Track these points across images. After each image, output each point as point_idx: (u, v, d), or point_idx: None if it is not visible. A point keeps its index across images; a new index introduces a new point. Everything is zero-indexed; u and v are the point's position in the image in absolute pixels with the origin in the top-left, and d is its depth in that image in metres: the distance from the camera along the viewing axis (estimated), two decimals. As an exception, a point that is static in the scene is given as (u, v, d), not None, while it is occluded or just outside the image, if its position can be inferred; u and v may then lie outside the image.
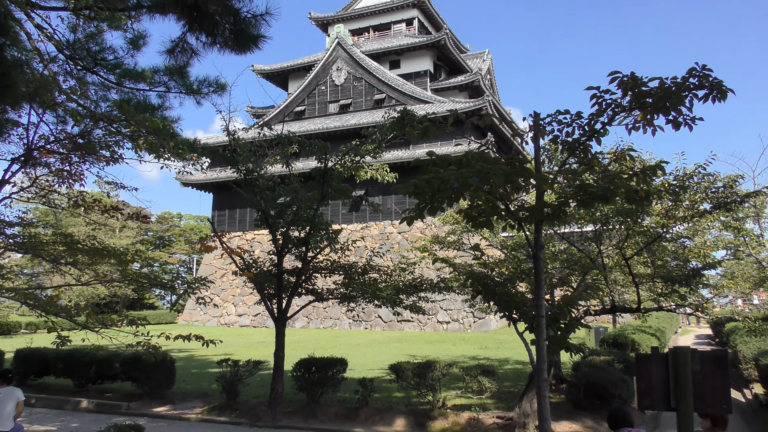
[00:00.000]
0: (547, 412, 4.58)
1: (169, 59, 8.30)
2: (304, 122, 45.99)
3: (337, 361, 13.53)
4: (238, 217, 46.68)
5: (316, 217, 12.86)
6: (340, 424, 12.55)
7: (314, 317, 40.54)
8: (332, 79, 47.01)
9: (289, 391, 13.85)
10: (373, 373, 16.18)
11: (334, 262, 13.62)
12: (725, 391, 4.40)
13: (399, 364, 12.98)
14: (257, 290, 13.63)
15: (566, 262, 13.99)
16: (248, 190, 13.37)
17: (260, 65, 51.34)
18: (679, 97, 4.51)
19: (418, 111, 36.59)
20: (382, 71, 45.73)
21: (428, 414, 12.36)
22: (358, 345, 27.87)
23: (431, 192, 4.13)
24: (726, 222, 18.78)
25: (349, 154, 12.88)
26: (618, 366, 13.86)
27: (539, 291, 4.75)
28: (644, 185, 5.06)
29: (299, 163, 36.58)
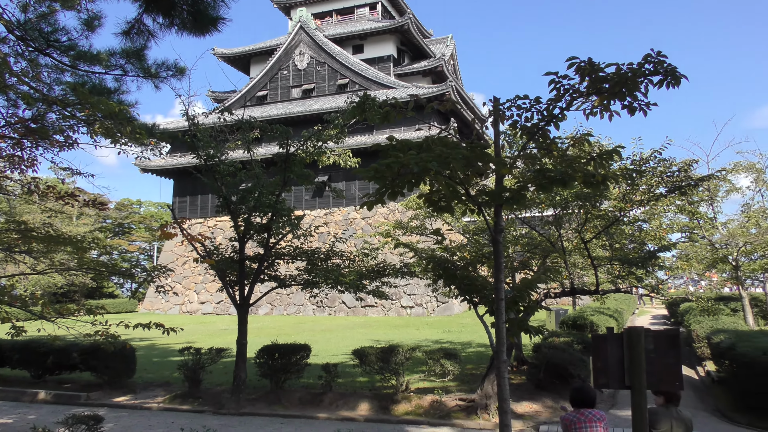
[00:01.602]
0: (507, 392, 4.65)
1: (125, 41, 8.10)
2: (267, 107, 45.47)
3: (300, 347, 13.54)
4: (199, 204, 46.05)
5: (278, 203, 12.76)
6: (304, 409, 12.58)
7: (278, 304, 40.38)
8: (295, 64, 46.53)
9: (253, 378, 13.80)
10: (337, 358, 16.23)
11: (297, 248, 13.57)
12: (677, 369, 4.54)
13: (362, 349, 13.04)
14: (219, 277, 13.50)
15: (527, 245, 14.20)
16: (209, 176, 13.19)
17: (221, 49, 50.48)
18: (635, 82, 4.59)
19: (381, 96, 36.52)
20: (345, 56, 45.43)
21: (392, 397, 12.47)
22: (322, 331, 27.88)
23: (391, 177, 4.13)
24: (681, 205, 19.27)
25: (312, 140, 12.79)
26: (577, 347, 14.19)
27: (499, 274, 4.81)
28: (601, 170, 5.14)
29: (261, 148, 36.15)
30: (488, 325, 10.51)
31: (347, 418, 11.90)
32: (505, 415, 4.64)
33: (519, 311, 6.17)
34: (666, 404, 5.73)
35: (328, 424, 11.40)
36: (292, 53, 46.67)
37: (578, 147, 6.63)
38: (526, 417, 11.70)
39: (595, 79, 4.58)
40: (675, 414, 5.67)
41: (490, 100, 5.10)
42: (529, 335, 6.39)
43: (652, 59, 4.54)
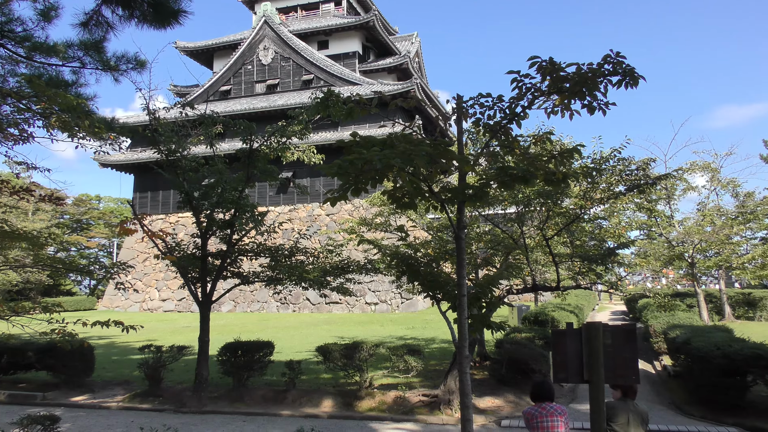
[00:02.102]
0: (469, 387, 4.70)
1: (83, 33, 7.92)
2: (230, 102, 44.95)
3: (264, 344, 13.46)
4: (161, 200, 45.30)
5: (241, 198, 12.65)
6: (267, 407, 12.50)
7: (241, 301, 40.01)
8: (259, 59, 46.07)
9: (215, 376, 13.66)
10: (300, 355, 16.17)
11: (261, 245, 13.47)
12: (634, 363, 4.65)
13: (326, 345, 13.02)
14: (181, 274, 13.32)
15: (490, 242, 14.35)
16: (171, 171, 12.99)
17: (183, 42, 49.68)
18: (595, 82, 4.67)
19: (346, 92, 36.44)
20: (310, 51, 45.17)
21: (355, 394, 12.48)
22: (285, 328, 27.73)
23: (355, 173, 4.12)
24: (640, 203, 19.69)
25: (276, 135, 12.70)
26: (539, 342, 14.39)
27: (461, 270, 4.85)
28: (562, 167, 5.23)
29: (225, 143, 35.74)
30: (451, 321, 10.59)
31: (311, 415, 11.87)
32: (466, 409, 4.69)
33: (481, 307, 6.24)
34: (623, 398, 5.86)
35: (291, 421, 11.35)
36: (257, 48, 46.21)
37: (540, 145, 6.72)
38: (488, 412, 11.83)
39: (556, 78, 4.65)
40: (632, 407, 5.80)
41: (454, 98, 5.13)
42: (491, 331, 6.47)
43: (611, 60, 4.63)
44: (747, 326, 23.97)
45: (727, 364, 10.80)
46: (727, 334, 13.17)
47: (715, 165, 27.22)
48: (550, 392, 5.43)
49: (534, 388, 5.49)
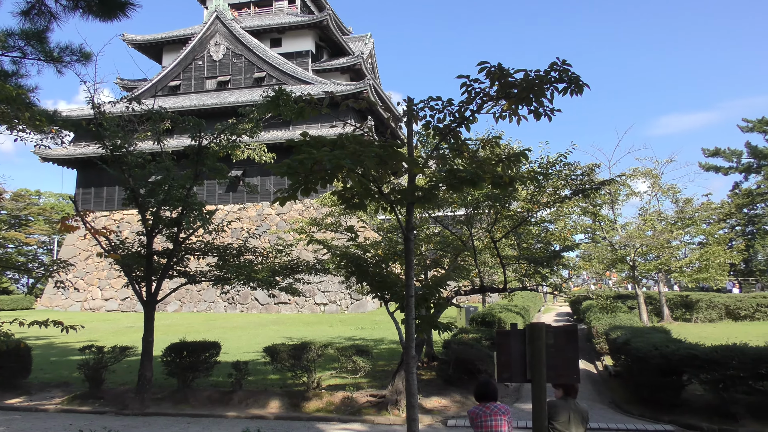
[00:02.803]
0: (415, 387, 4.75)
1: (24, 22, 7.66)
2: (179, 98, 44.07)
3: (210, 344, 13.26)
4: (105, 196, 44.03)
5: (189, 196, 12.43)
6: (213, 408, 12.32)
7: (188, 300, 39.27)
8: (210, 55, 45.32)
9: (159, 377, 13.38)
10: (248, 356, 15.99)
11: (208, 244, 13.26)
12: (575, 363, 4.78)
13: (274, 346, 12.92)
14: (125, 273, 13.00)
15: (440, 244, 14.48)
16: (116, 167, 12.66)
17: (131, 35, 48.44)
18: (541, 89, 4.79)
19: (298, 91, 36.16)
20: (262, 49, 44.69)
21: (303, 395, 12.42)
22: (233, 328, 27.37)
23: (305, 173, 4.12)
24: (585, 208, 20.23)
25: (226, 133, 12.53)
26: (485, 343, 14.61)
27: (409, 271, 4.90)
28: (510, 171, 5.33)
29: (173, 140, 35.01)
30: (399, 321, 10.67)
31: (257, 416, 11.75)
32: (412, 409, 4.73)
33: (429, 308, 6.30)
34: (565, 397, 6.01)
35: (237, 422, 11.21)
36: (208, 43, 45.45)
37: (488, 149, 6.84)
38: (435, 412, 11.94)
39: (505, 84, 4.74)
40: (573, 406, 5.96)
41: (404, 100, 5.18)
42: (439, 332, 6.55)
43: (558, 67, 4.75)
44: (684, 327, 24.87)
45: (665, 364, 11.19)
46: (664, 335, 13.63)
47: (657, 171, 28.15)
48: (494, 392, 5.52)
49: (478, 388, 5.58)
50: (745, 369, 10.61)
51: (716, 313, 29.08)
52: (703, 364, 10.87)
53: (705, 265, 27.22)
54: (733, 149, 46.09)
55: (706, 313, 29.07)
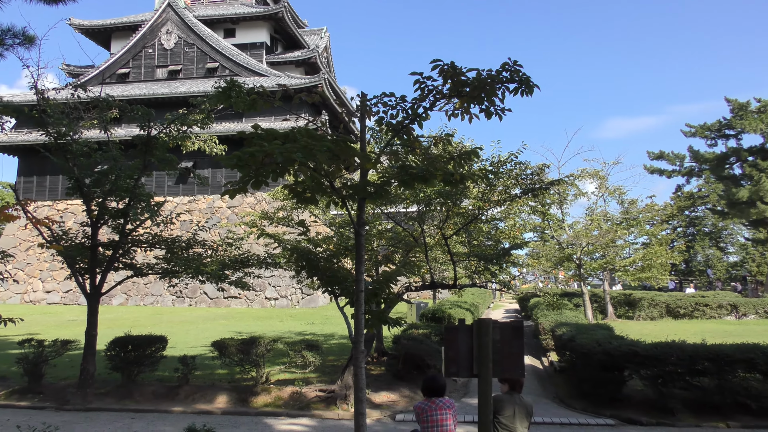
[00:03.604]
0: (363, 382, 4.77)
1: (-38, 3, 7.33)
2: (128, 86, 42.96)
3: (156, 338, 13.02)
4: (48, 185, 42.61)
5: (137, 187, 12.14)
6: (158, 403, 12.09)
7: (134, 294, 38.40)
8: (161, 43, 44.30)
9: (103, 372, 13.06)
10: (195, 350, 15.75)
11: (156, 236, 12.99)
12: (520, 358, 4.88)
13: (222, 340, 12.76)
14: (68, 265, 12.62)
15: (392, 240, 14.55)
16: (59, 155, 12.26)
17: (78, 20, 46.90)
18: (493, 88, 4.86)
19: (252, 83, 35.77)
20: (216, 39, 43.94)
21: (251, 390, 12.31)
22: (181, 322, 26.89)
23: (255, 166, 4.08)
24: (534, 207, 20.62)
25: (176, 123, 12.27)
26: (435, 338, 14.77)
27: (360, 266, 4.91)
28: (460, 169, 5.39)
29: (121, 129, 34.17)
30: (348, 316, 10.68)
31: (204, 411, 11.60)
32: (360, 403, 4.75)
33: (379, 303, 6.32)
34: (510, 391, 6.12)
35: (183, 417, 11.03)
36: (159, 31, 44.41)
37: (441, 146, 6.89)
38: (383, 406, 12.00)
39: (457, 82, 4.79)
40: (518, 400, 6.07)
41: (358, 96, 5.18)
42: (388, 327, 6.58)
43: (509, 68, 4.83)
44: (627, 325, 25.63)
45: (607, 360, 11.52)
46: (608, 331, 14.01)
47: (604, 173, 28.90)
48: (442, 387, 5.59)
49: (425, 383, 5.64)
50: (683, 365, 11.02)
51: (657, 311, 30.05)
52: (644, 360, 11.24)
53: (648, 265, 28.11)
54: (677, 153, 47.50)
55: (648, 311, 30.02)
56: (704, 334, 17.34)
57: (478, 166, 12.74)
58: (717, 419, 10.80)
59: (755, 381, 10.80)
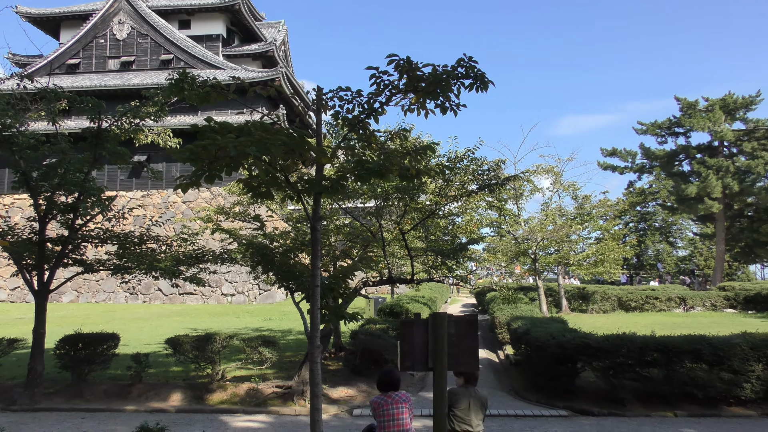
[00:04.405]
0: (319, 377, 4.75)
1: None
2: (79, 77, 41.75)
3: (108, 336, 12.73)
4: (-7, 179, 41.15)
5: (87, 181, 11.83)
6: (110, 402, 11.83)
7: (85, 291, 37.43)
8: (113, 33, 43.16)
9: (52, 371, 12.72)
10: (149, 347, 15.48)
11: (108, 231, 12.68)
12: (474, 352, 4.92)
13: (177, 337, 12.55)
14: (14, 261, 12.22)
15: (349, 235, 14.53)
16: (5, 147, 11.85)
17: (25, 7, 45.29)
18: (448, 84, 4.88)
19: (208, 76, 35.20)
20: (170, 30, 43.03)
21: (207, 387, 12.16)
22: (134, 319, 26.36)
23: (208, 159, 4.01)
24: (491, 202, 20.83)
25: (128, 116, 11.98)
26: (392, 333, 14.80)
27: (315, 261, 4.88)
28: (416, 164, 5.41)
29: (70, 121, 33.14)
30: (304, 311, 10.64)
31: (158, 410, 11.40)
32: (316, 398, 4.73)
33: (336, 298, 6.31)
34: (465, 384, 6.19)
35: (136, 416, 10.82)
36: (111, 21, 43.25)
37: (397, 141, 6.91)
38: (341, 402, 12.00)
39: (413, 77, 4.80)
40: (473, 393, 6.14)
41: (314, 90, 5.14)
42: (345, 321, 6.58)
43: (465, 63, 4.86)
44: (580, 318, 26.17)
45: (560, 352, 11.74)
46: (562, 325, 14.27)
47: (558, 169, 29.38)
48: (397, 381, 5.61)
49: (381, 378, 5.65)
50: (633, 356, 11.32)
51: (610, 304, 30.78)
52: (596, 353, 11.50)
53: (601, 259, 28.75)
54: (629, 150, 48.69)
55: (601, 305, 30.71)
56: (654, 326, 17.81)
57: (435, 161, 12.83)
58: (665, 409, 11.13)
59: (701, 371, 11.16)
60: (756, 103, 43.93)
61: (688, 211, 47.06)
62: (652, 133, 47.85)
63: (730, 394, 11.07)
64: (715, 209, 43.44)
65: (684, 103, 45.68)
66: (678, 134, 47.43)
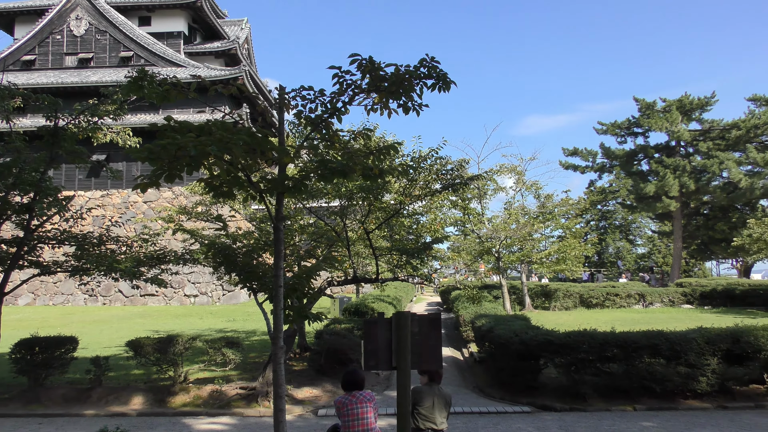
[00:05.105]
0: (282, 378, 4.72)
1: None
2: (34, 74, 40.68)
3: (66, 339, 12.44)
4: (-55, 178, 39.80)
5: (43, 180, 11.52)
6: (69, 407, 11.57)
7: (42, 293, 36.52)
8: (71, 29, 42.16)
9: (7, 376, 12.39)
10: (109, 350, 15.19)
11: (65, 232, 12.37)
12: (438, 350, 4.94)
13: (138, 339, 12.33)
14: (-34, 263, 11.84)
15: (314, 234, 14.45)
16: (-44, 146, 11.48)
17: (-22, 2, 43.98)
18: (411, 84, 4.90)
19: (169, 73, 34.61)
20: (130, 27, 42.22)
21: (169, 389, 11.98)
22: (94, 322, 25.81)
23: (168, 159, 3.95)
24: (455, 201, 20.96)
25: (86, 114, 11.72)
26: (357, 333, 14.79)
27: (278, 261, 4.85)
28: (379, 163, 5.41)
29: (26, 119, 32.37)
30: (267, 312, 10.57)
31: (118, 414, 11.19)
32: (279, 399, 4.70)
33: (300, 298, 6.28)
34: (429, 383, 6.22)
35: (96, 420, 10.59)
36: (68, 17, 42.24)
37: (360, 141, 6.90)
38: (306, 402, 11.95)
39: (375, 77, 4.80)
40: (437, 391, 6.18)
41: (276, 89, 5.11)
42: (309, 321, 6.54)
43: (427, 64, 4.88)
44: (543, 315, 26.55)
45: (524, 349, 11.90)
46: (525, 322, 14.45)
47: (521, 168, 29.73)
48: (361, 381, 5.61)
49: (345, 377, 5.65)
50: (594, 352, 11.54)
51: (572, 301, 31.29)
52: (558, 349, 11.69)
53: (562, 257, 29.19)
54: (590, 150, 49.55)
55: (563, 302, 31.20)
56: (614, 322, 18.18)
57: (399, 161, 12.85)
58: (625, 403, 11.37)
59: (659, 366, 11.43)
60: (711, 104, 45.15)
61: (646, 209, 48.11)
62: (612, 133, 48.80)
63: (686, 388, 11.36)
64: (673, 207, 44.55)
65: (642, 104, 46.69)
66: (637, 134, 48.49)
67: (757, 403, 11.32)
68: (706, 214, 48.38)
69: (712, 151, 43.61)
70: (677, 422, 10.22)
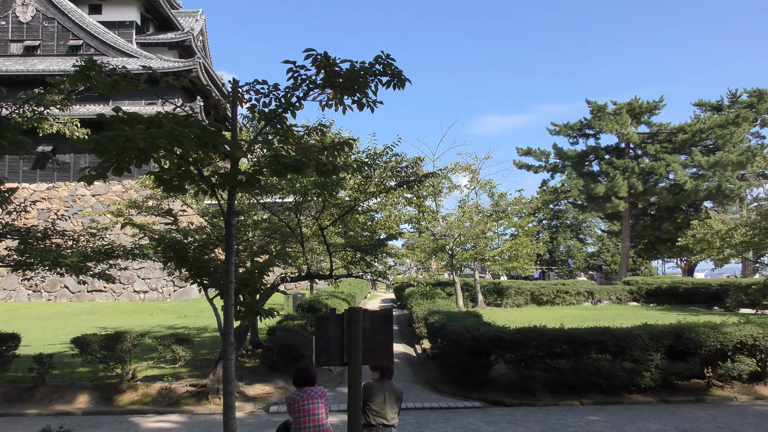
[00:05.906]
0: (232, 374, 4.67)
1: None
2: (-23, 61, 39.10)
3: (7, 336, 12.07)
4: None
5: (-15, 172, 11.10)
6: (9, 406, 11.20)
7: (-17, 288, 35.17)
8: (16, 15, 40.66)
9: (-56, 375, 11.90)
10: (54, 348, 14.76)
11: (7, 225, 11.95)
12: (389, 346, 4.98)
13: (84, 336, 12.02)
14: None
15: (267, 230, 14.32)
16: None
17: None
18: (366, 80, 4.89)
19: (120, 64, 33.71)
20: (79, 14, 40.97)
21: (116, 387, 11.73)
22: (38, 318, 25.02)
23: (116, 151, 3.85)
24: (410, 198, 21.07)
25: (31, 103, 11.34)
26: (311, 329, 14.73)
27: (230, 257, 4.79)
28: (334, 159, 5.40)
29: (-32, 108, 30.83)
30: (218, 308, 10.43)
31: (63, 413, 10.90)
32: (229, 396, 4.65)
33: (252, 294, 6.21)
34: (381, 378, 6.25)
35: (38, 420, 10.29)
36: (13, 2, 40.69)
37: (315, 136, 6.87)
38: (257, 399, 11.85)
39: (330, 72, 4.78)
40: (388, 387, 6.21)
41: (229, 82, 5.04)
42: (261, 318, 6.49)
43: (382, 61, 4.89)
44: (495, 312, 26.93)
45: (475, 345, 12.05)
46: (477, 319, 14.63)
47: (476, 167, 30.12)
48: (312, 377, 5.60)
49: (296, 374, 5.63)
50: (543, 348, 11.78)
51: (523, 298, 31.83)
52: (508, 345, 11.88)
53: (515, 255, 29.68)
54: (543, 150, 50.44)
55: (515, 299, 31.71)
56: (563, 319, 18.59)
57: (355, 157, 12.84)
58: (573, 398, 11.65)
59: (606, 361, 11.74)
60: (659, 107, 46.55)
61: (596, 209, 49.31)
62: (564, 134, 49.82)
63: (631, 383, 11.71)
64: (621, 208, 45.78)
65: (594, 106, 47.79)
66: (588, 136, 49.62)
67: (698, 397, 11.74)
68: (653, 214, 49.87)
69: (659, 153, 44.97)
70: (622, 416, 10.52)
